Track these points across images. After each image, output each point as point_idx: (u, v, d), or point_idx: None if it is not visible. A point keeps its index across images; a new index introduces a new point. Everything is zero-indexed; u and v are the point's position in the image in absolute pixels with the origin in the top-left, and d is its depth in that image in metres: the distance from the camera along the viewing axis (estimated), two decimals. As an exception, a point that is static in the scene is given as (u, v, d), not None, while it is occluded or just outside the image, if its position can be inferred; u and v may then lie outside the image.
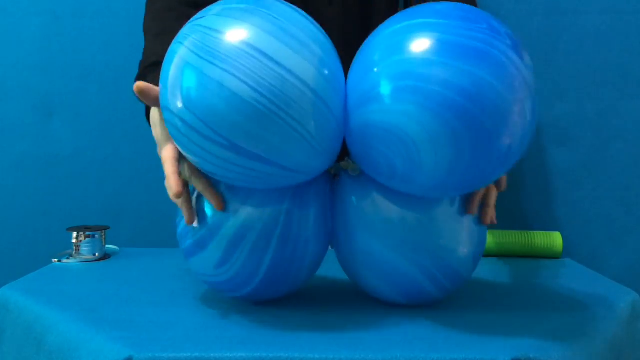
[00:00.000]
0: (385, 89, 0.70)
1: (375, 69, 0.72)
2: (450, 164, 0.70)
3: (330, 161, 0.79)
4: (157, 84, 0.86)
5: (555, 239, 1.25)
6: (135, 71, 1.34)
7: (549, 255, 1.25)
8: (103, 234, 1.22)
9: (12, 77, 1.53)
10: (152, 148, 1.55)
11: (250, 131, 0.70)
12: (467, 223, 0.83)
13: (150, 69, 1.01)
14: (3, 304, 0.98)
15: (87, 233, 1.20)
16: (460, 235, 0.83)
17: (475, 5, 1.23)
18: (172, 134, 0.76)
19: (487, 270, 1.09)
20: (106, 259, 1.21)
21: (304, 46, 0.72)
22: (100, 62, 1.52)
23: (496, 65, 0.67)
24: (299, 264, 0.84)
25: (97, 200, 1.54)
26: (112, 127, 1.54)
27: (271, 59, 0.69)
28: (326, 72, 0.73)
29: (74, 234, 1.20)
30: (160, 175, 0.98)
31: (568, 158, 1.51)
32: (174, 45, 0.75)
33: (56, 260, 1.19)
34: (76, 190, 1.54)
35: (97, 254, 1.20)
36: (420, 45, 0.69)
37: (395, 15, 0.77)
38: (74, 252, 1.20)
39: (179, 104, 0.72)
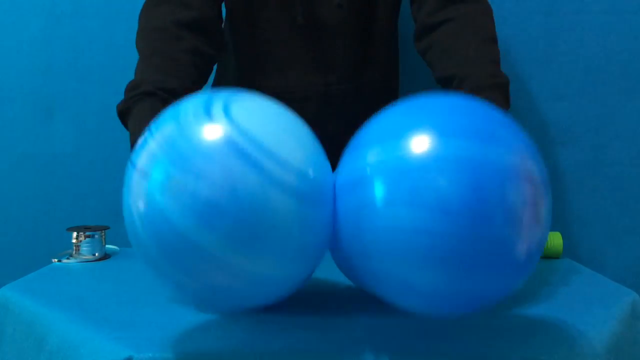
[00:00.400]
0: (380, 201, 0.61)
1: (369, 172, 0.63)
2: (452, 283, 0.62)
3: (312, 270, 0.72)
4: (144, 115, 0.88)
5: (555, 239, 1.25)
6: (134, 72, 1.34)
7: (549, 255, 1.25)
8: (103, 234, 1.22)
9: (12, 77, 1.53)
10: (152, 148, 1.55)
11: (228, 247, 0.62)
12: None
13: (139, 97, 1.00)
14: (3, 304, 0.98)
15: (87, 233, 1.20)
16: None
17: (490, 16, 1.16)
18: (131, 238, 0.68)
19: (487, 270, 1.09)
20: (106, 259, 1.21)
21: (286, 149, 0.64)
22: (100, 62, 1.52)
23: (501, 176, 0.60)
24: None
25: (97, 200, 1.54)
26: (112, 127, 1.53)
27: (251, 161, 0.62)
28: (309, 180, 0.65)
29: (74, 234, 1.20)
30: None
31: (568, 158, 1.51)
32: (146, 135, 0.67)
33: (56, 260, 1.19)
34: (76, 190, 1.54)
35: (97, 254, 1.20)
36: (422, 157, 0.60)
37: (394, 109, 0.68)
38: (74, 252, 1.20)
39: (141, 208, 0.64)
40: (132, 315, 0.85)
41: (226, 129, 0.64)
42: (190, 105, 0.68)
